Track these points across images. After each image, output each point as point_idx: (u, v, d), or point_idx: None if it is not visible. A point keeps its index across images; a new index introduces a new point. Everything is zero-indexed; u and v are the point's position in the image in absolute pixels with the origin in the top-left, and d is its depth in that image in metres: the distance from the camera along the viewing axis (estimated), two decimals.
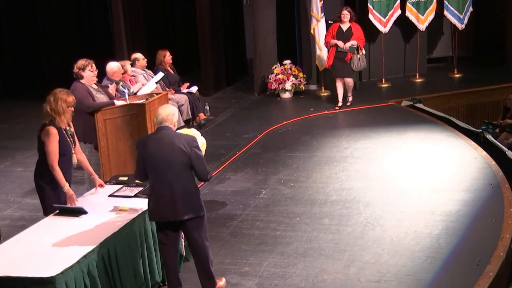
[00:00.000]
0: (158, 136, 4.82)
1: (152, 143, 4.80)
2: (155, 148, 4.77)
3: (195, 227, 4.87)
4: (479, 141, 8.87)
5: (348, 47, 10.37)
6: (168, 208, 4.78)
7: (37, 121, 5.75)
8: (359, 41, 10.43)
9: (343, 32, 10.50)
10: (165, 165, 4.74)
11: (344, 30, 10.51)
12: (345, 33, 10.48)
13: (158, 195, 4.79)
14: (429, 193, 7.04)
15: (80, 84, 6.78)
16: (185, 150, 4.74)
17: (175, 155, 4.74)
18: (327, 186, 7.50)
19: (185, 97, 9.52)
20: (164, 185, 4.76)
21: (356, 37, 10.42)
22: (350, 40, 10.41)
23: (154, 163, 4.77)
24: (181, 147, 4.74)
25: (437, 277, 5.27)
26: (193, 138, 4.84)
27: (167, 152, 4.74)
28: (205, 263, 4.99)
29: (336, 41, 10.44)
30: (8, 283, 4.13)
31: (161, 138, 4.79)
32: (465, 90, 12.35)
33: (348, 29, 10.49)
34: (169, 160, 4.73)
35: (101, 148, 6.81)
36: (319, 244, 6.01)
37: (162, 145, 4.76)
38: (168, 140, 4.77)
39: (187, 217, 4.79)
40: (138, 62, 9.09)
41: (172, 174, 4.75)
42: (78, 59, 6.94)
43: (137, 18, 12.77)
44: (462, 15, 12.82)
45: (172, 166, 4.74)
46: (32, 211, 7.16)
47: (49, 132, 5.30)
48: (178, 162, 4.74)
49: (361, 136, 9.35)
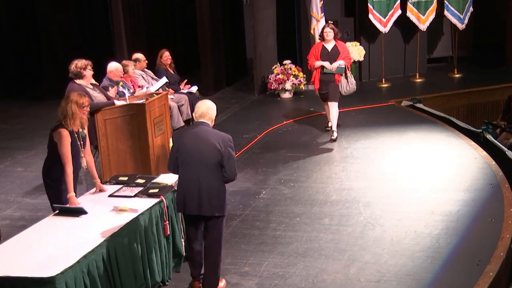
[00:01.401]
0: (195, 131, 4.91)
1: (188, 136, 4.91)
2: (190, 142, 4.86)
3: (214, 225, 4.97)
4: (479, 141, 8.87)
5: (335, 68, 8.99)
6: (194, 202, 4.87)
7: (37, 121, 5.76)
8: (346, 60, 9.11)
9: (328, 52, 9.13)
10: (197, 160, 4.83)
11: (329, 50, 9.14)
12: (331, 52, 9.11)
13: (186, 188, 4.89)
14: (429, 193, 7.04)
15: (76, 85, 6.71)
16: (219, 148, 4.81)
17: (208, 152, 4.81)
18: (327, 186, 7.50)
19: (185, 97, 9.52)
20: (192, 180, 4.85)
21: (344, 57, 9.07)
22: (337, 60, 9.04)
23: (186, 156, 4.86)
24: (215, 145, 4.80)
25: (437, 277, 5.26)
26: (229, 138, 4.91)
27: (201, 147, 4.82)
28: (214, 261, 5.07)
29: (322, 62, 9.04)
30: (8, 283, 4.12)
31: (198, 133, 4.88)
32: (465, 90, 12.37)
33: (333, 48, 9.13)
34: (201, 155, 4.82)
35: (101, 148, 6.81)
36: (319, 244, 6.01)
37: (197, 140, 4.85)
38: (204, 136, 4.85)
39: (210, 214, 4.90)
40: (138, 63, 9.09)
41: (202, 170, 4.83)
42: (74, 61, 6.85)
43: (137, 18, 12.78)
44: (462, 15, 12.84)
45: (204, 162, 4.82)
46: (32, 211, 7.17)
47: (60, 134, 5.31)
48: (210, 159, 4.82)
49: (361, 136, 9.36)
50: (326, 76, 9.06)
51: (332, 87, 9.06)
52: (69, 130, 5.35)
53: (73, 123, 5.37)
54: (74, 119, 5.37)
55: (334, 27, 9.23)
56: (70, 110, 5.34)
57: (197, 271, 5.23)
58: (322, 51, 9.12)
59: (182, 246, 5.56)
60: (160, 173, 6.18)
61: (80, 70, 6.77)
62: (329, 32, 9.13)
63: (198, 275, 5.23)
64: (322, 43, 9.20)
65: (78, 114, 5.39)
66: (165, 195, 5.36)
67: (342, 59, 9.02)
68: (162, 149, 7.02)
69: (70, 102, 5.37)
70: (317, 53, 9.14)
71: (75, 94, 5.48)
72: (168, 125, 7.33)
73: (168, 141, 6.97)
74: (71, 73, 6.77)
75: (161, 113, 7.16)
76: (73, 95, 5.44)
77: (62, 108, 5.37)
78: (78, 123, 5.42)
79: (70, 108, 5.34)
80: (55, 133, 5.35)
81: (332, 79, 9.05)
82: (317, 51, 9.16)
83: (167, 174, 5.95)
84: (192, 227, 5.07)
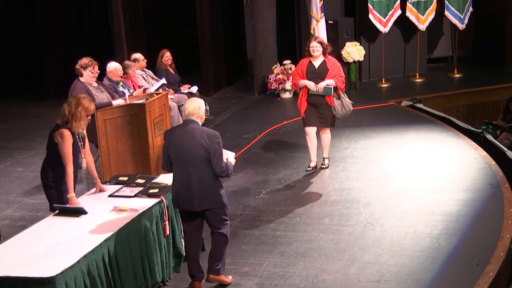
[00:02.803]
0: (183, 129, 5.07)
1: (177, 135, 5.08)
2: (178, 140, 5.03)
3: (213, 217, 5.12)
4: (479, 141, 8.88)
5: (322, 89, 7.52)
6: (185, 199, 5.05)
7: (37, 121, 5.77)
8: (337, 79, 7.61)
9: (314, 69, 7.66)
10: (186, 157, 4.99)
11: (316, 67, 7.66)
12: (318, 70, 7.64)
13: (179, 185, 5.06)
14: (429, 193, 7.04)
15: (80, 83, 6.78)
16: (205, 145, 4.94)
17: (195, 149, 4.96)
18: (327, 186, 7.50)
19: (185, 97, 9.51)
20: (184, 176, 5.02)
21: (333, 75, 7.60)
22: (325, 79, 7.59)
23: (176, 154, 5.03)
24: (201, 142, 4.94)
25: (437, 277, 5.27)
26: (215, 134, 5.03)
27: (189, 145, 4.98)
28: (218, 252, 5.22)
29: (307, 82, 7.58)
30: (8, 283, 4.13)
31: (186, 131, 5.03)
32: (465, 90, 12.37)
33: (321, 64, 7.66)
34: (189, 152, 4.98)
35: (101, 148, 6.80)
36: (319, 244, 6.01)
37: (186, 137, 5.00)
38: (191, 133, 5.00)
39: (202, 208, 5.05)
40: (138, 63, 9.09)
41: (191, 167, 4.98)
42: (82, 58, 6.93)
43: (137, 18, 12.78)
44: (462, 15, 12.84)
45: (192, 159, 4.97)
46: (32, 211, 7.17)
47: (63, 134, 5.31)
48: (198, 155, 4.96)
49: (361, 136, 9.35)
50: (314, 98, 7.64)
51: (324, 111, 7.71)
52: (71, 131, 5.35)
53: (78, 126, 5.38)
54: (80, 123, 5.39)
55: (322, 41, 7.84)
56: (79, 114, 5.35)
57: (194, 267, 5.26)
58: (308, 68, 7.67)
59: (182, 246, 5.56)
60: (160, 173, 6.18)
61: (80, 68, 6.81)
62: (316, 47, 7.66)
63: (197, 273, 5.25)
64: (309, 59, 7.74)
65: (85, 120, 5.43)
66: (165, 195, 5.37)
67: (331, 78, 7.58)
68: (162, 149, 7.01)
69: (81, 106, 5.36)
70: (303, 71, 7.68)
71: (86, 100, 5.46)
72: (168, 125, 7.33)
73: None
74: (75, 70, 6.84)
75: (161, 113, 7.16)
76: (84, 100, 5.42)
77: (70, 110, 5.34)
78: (81, 126, 5.43)
79: (79, 112, 5.35)
80: (56, 134, 5.34)
81: (323, 102, 7.64)
82: (303, 68, 7.69)
83: (167, 174, 5.96)
84: (187, 222, 5.23)
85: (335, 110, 7.66)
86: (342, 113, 7.69)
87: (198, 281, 5.26)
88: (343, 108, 7.67)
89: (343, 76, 7.77)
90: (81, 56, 7.03)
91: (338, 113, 7.69)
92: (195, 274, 5.26)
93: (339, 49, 12.20)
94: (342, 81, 7.71)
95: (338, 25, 12.34)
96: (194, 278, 5.26)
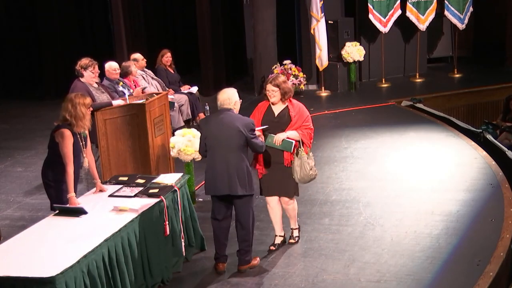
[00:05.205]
0: (219, 117, 5.33)
1: (213, 123, 5.35)
2: (215, 128, 5.30)
3: (244, 203, 5.41)
4: (479, 141, 8.87)
5: (280, 142, 5.61)
6: (223, 183, 5.29)
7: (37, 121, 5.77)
8: (302, 132, 5.67)
9: (273, 116, 5.73)
10: (223, 144, 5.25)
11: (275, 114, 5.73)
12: (277, 118, 5.72)
13: (215, 171, 5.31)
14: (429, 193, 7.04)
15: (80, 83, 6.78)
16: (243, 132, 5.23)
17: (233, 136, 5.23)
18: (327, 186, 7.49)
19: (185, 97, 9.52)
20: (221, 162, 5.27)
21: (298, 126, 5.67)
22: (286, 130, 5.65)
23: (213, 141, 5.30)
24: (239, 129, 5.22)
25: (437, 277, 5.27)
26: (252, 122, 5.36)
27: (226, 132, 5.24)
28: (246, 237, 5.48)
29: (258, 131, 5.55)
30: (8, 283, 4.13)
31: (222, 119, 5.30)
32: (465, 90, 12.37)
33: (282, 112, 5.72)
34: (227, 140, 5.24)
35: (101, 148, 6.80)
36: (319, 244, 6.01)
37: (222, 126, 5.27)
38: (228, 121, 5.27)
39: (241, 192, 5.31)
40: (137, 63, 9.09)
41: (229, 153, 5.26)
42: (82, 58, 6.95)
43: (137, 18, 12.78)
44: (462, 15, 12.84)
45: (229, 146, 5.25)
46: (32, 211, 7.17)
47: (63, 134, 5.30)
48: (236, 142, 5.25)
49: (361, 136, 9.35)
50: (270, 154, 5.70)
51: (280, 173, 5.75)
52: (72, 130, 5.34)
53: (83, 124, 5.39)
54: (84, 121, 5.39)
55: (281, 83, 5.65)
56: (81, 112, 5.35)
57: (221, 250, 5.52)
58: (265, 115, 5.75)
59: (182, 246, 5.56)
60: (160, 173, 6.19)
61: (80, 68, 6.81)
62: (273, 91, 5.67)
63: (222, 255, 5.53)
64: (268, 103, 5.78)
65: (88, 115, 5.43)
66: (165, 195, 5.36)
67: (294, 129, 5.67)
68: (162, 149, 7.02)
69: (78, 105, 5.35)
70: (259, 117, 5.76)
71: (78, 96, 5.46)
72: (168, 125, 7.33)
73: (168, 141, 6.97)
74: (75, 71, 6.84)
75: (161, 113, 7.16)
76: (77, 98, 5.41)
77: (70, 114, 5.34)
78: (88, 124, 5.44)
79: (80, 111, 5.35)
80: (57, 133, 5.34)
81: (280, 160, 5.72)
82: (259, 114, 5.79)
83: (167, 174, 5.97)
84: (221, 206, 5.44)
85: (294, 171, 5.69)
86: (300, 176, 5.67)
87: (222, 263, 5.54)
88: (302, 170, 5.64)
89: (312, 129, 5.78)
90: (81, 56, 7.03)
91: (298, 176, 5.68)
92: (221, 256, 5.52)
93: (339, 49, 12.21)
94: (310, 135, 5.74)
95: (338, 25, 12.33)
96: (218, 260, 5.53)
